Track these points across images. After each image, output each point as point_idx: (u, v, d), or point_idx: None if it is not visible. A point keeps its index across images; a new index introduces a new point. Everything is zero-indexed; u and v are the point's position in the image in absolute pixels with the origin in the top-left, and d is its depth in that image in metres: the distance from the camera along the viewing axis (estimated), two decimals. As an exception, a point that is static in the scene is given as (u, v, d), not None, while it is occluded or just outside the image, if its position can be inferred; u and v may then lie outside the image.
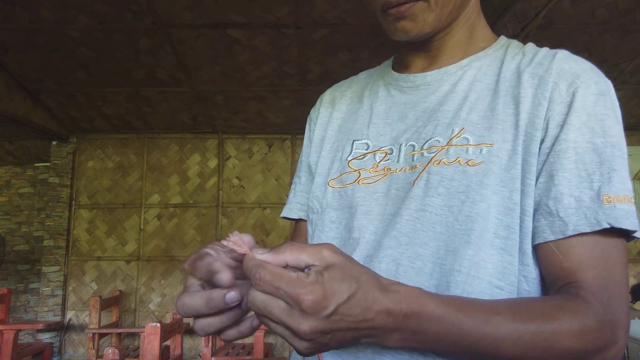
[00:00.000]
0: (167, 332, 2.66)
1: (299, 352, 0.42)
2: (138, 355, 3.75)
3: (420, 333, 0.44)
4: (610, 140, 0.54)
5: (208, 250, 0.48)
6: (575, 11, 3.19)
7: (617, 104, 0.58)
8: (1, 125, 4.33)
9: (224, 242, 0.46)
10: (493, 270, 0.53)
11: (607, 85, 0.57)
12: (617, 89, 4.17)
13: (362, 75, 0.79)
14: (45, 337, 4.53)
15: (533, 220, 0.54)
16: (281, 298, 0.40)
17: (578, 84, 0.56)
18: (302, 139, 4.39)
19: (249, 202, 4.80)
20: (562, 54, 0.60)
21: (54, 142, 4.86)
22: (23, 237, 5.76)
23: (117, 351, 2.14)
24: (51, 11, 3.24)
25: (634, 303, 4.48)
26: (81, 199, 4.84)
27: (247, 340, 4.33)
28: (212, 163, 4.90)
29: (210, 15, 3.29)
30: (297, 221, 0.76)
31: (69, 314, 4.68)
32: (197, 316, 0.46)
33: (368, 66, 0.82)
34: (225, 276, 0.44)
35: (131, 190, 4.87)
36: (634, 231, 0.51)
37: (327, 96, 0.79)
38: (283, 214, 0.77)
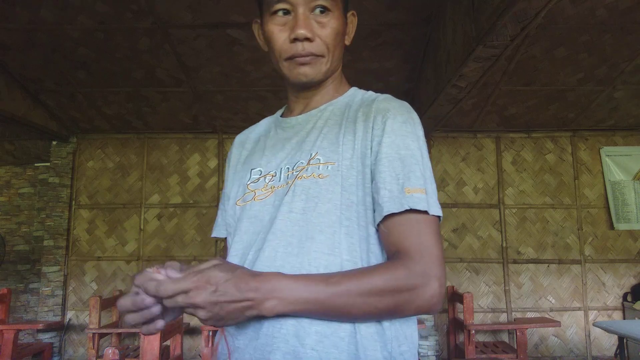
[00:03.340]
0: (167, 332, 2.66)
1: (202, 321, 0.65)
2: (138, 355, 3.75)
3: (283, 300, 0.67)
4: (409, 152, 0.78)
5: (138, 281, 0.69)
6: (575, 11, 3.19)
7: (417, 126, 0.83)
8: (1, 125, 4.33)
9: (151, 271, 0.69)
10: (342, 249, 0.75)
11: (410, 115, 0.83)
12: (617, 89, 4.18)
13: (264, 121, 1.05)
14: (45, 337, 4.53)
15: (372, 211, 0.78)
16: (182, 292, 0.63)
17: (388, 116, 0.81)
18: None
19: (249, 202, 4.79)
20: (382, 97, 0.87)
21: (54, 142, 4.86)
22: (23, 237, 5.76)
23: (117, 351, 2.14)
24: (51, 11, 3.24)
25: (634, 303, 4.48)
26: (81, 199, 4.84)
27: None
28: (212, 163, 4.90)
29: (210, 15, 3.29)
30: (225, 239, 0.99)
31: (69, 314, 4.68)
32: (127, 312, 0.67)
33: (368, 66, 0.96)
34: (155, 283, 0.66)
35: (131, 190, 4.87)
36: (427, 209, 0.74)
37: (237, 139, 1.06)
38: (213, 235, 1.01)
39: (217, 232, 1.01)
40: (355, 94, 0.93)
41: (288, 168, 0.85)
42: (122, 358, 2.17)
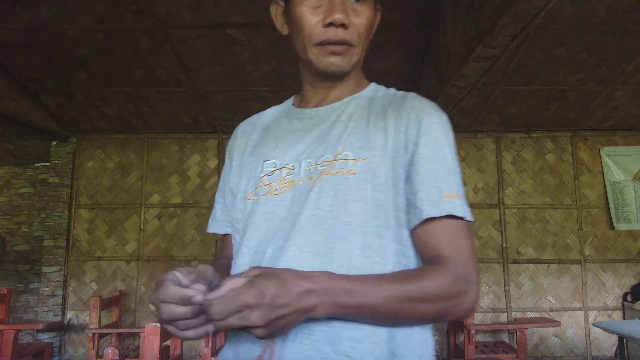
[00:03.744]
0: (167, 332, 2.65)
1: (261, 338, 0.60)
2: (138, 355, 3.75)
3: (336, 302, 0.63)
4: (444, 155, 0.76)
5: (170, 277, 0.63)
6: (575, 11, 3.19)
7: (449, 128, 0.80)
8: (1, 125, 4.33)
9: (194, 289, 0.61)
10: (373, 251, 0.72)
11: (442, 117, 0.81)
12: (617, 89, 4.17)
13: (269, 110, 0.99)
14: (45, 337, 4.53)
15: (407, 213, 0.75)
16: (233, 313, 0.57)
17: (422, 115, 0.78)
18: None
19: (249, 202, 4.79)
20: (412, 95, 0.83)
21: (54, 142, 4.86)
22: (23, 237, 5.76)
23: (117, 351, 2.14)
24: (51, 11, 3.23)
25: (634, 303, 4.48)
26: (81, 199, 4.84)
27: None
28: (212, 163, 4.90)
29: (210, 15, 3.29)
30: (225, 235, 0.95)
31: (69, 314, 4.68)
32: (176, 320, 0.61)
33: (368, 66, 0.91)
34: (200, 297, 0.60)
35: (131, 190, 4.87)
36: (465, 216, 0.73)
37: (240, 130, 0.98)
38: (211, 230, 0.95)
39: (215, 227, 0.95)
40: (377, 90, 0.89)
41: (310, 162, 0.80)
42: (122, 358, 2.17)
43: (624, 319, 4.59)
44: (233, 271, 0.81)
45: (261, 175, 0.85)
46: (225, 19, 3.33)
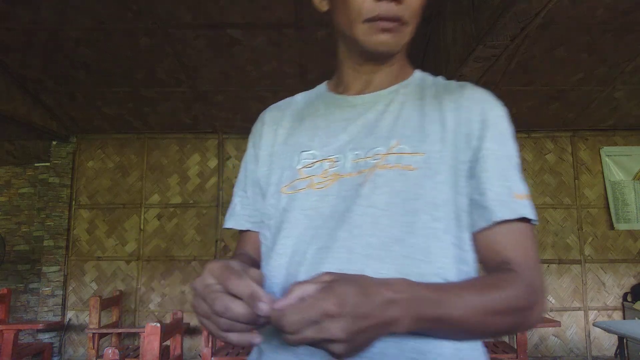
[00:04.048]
0: (167, 332, 2.65)
1: (342, 356, 0.50)
2: (138, 355, 3.75)
3: (420, 315, 0.55)
4: (511, 151, 0.70)
5: (238, 268, 0.55)
6: (575, 11, 3.19)
7: (511, 124, 0.74)
8: (1, 125, 4.32)
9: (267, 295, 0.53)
10: (435, 256, 0.65)
11: (504, 109, 0.74)
12: (617, 89, 4.18)
13: (299, 96, 0.89)
14: (45, 337, 4.53)
15: (469, 214, 0.68)
16: (310, 324, 0.48)
17: (487, 107, 0.72)
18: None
19: (249, 202, 4.79)
20: (470, 85, 0.76)
21: (54, 142, 4.86)
22: (23, 237, 5.76)
23: (117, 351, 2.14)
24: (51, 11, 3.23)
25: (634, 303, 4.48)
26: (81, 199, 4.84)
27: (247, 340, 4.32)
28: (212, 163, 4.90)
29: (210, 15, 3.29)
30: (244, 231, 0.85)
31: (69, 314, 4.68)
32: (227, 318, 0.53)
33: None
34: (266, 308, 0.51)
35: (131, 190, 4.87)
36: (535, 220, 0.68)
37: (268, 115, 0.87)
38: (230, 225, 0.85)
39: (234, 222, 0.85)
40: (425, 78, 0.82)
41: (357, 154, 0.72)
42: (122, 358, 2.17)
43: (624, 319, 4.59)
44: (268, 274, 0.73)
45: (299, 167, 0.76)
46: (225, 19, 3.33)
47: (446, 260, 0.65)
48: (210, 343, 3.41)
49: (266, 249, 0.78)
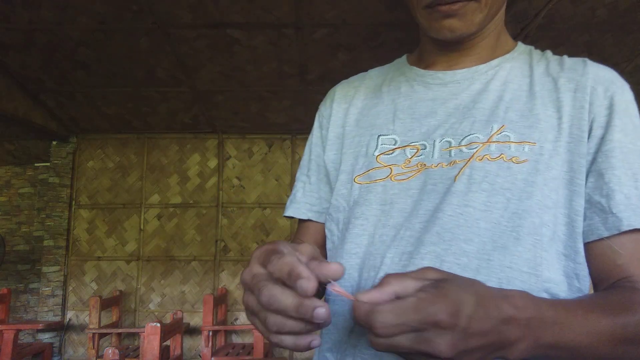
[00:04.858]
0: (167, 332, 2.66)
1: None
2: (138, 355, 3.75)
3: (541, 339, 0.44)
4: None
5: (283, 248, 0.44)
6: (575, 11, 3.19)
7: None
8: (1, 125, 4.33)
9: (328, 288, 0.43)
10: (544, 268, 0.54)
11: (631, 92, 0.61)
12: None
13: (374, 72, 0.77)
14: (45, 337, 4.53)
15: (585, 218, 0.56)
16: (410, 331, 0.38)
17: (614, 89, 0.59)
18: (303, 139, 4.34)
19: (249, 202, 4.80)
20: (591, 62, 0.63)
21: (54, 142, 4.86)
22: (23, 237, 5.76)
23: (117, 351, 2.14)
24: (51, 11, 3.23)
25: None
26: (81, 199, 4.84)
27: (247, 340, 4.33)
28: (212, 163, 4.90)
29: (210, 15, 3.29)
30: (304, 221, 0.74)
31: (69, 314, 4.68)
32: (274, 311, 0.41)
33: (368, 66, 0.82)
34: (311, 285, 0.39)
35: (131, 190, 4.87)
36: None
37: (339, 91, 0.76)
38: (289, 213, 0.74)
39: (294, 210, 0.74)
40: (532, 51, 0.69)
41: (449, 142, 0.61)
42: (122, 358, 2.17)
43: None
44: None
45: (376, 153, 0.65)
46: (225, 19, 3.33)
47: (555, 273, 0.54)
48: (210, 343, 3.41)
49: (333, 246, 0.68)
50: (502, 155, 0.57)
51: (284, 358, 4.34)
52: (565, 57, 0.65)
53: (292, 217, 0.75)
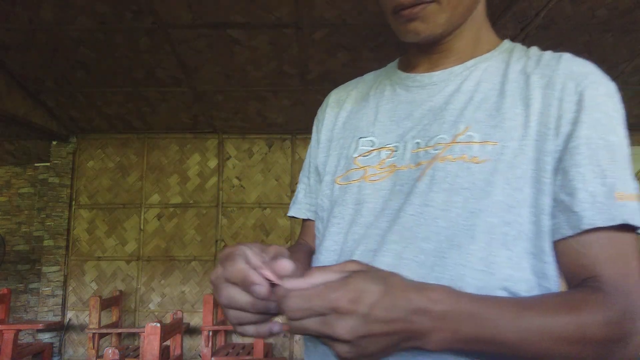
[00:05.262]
0: (167, 332, 2.66)
1: (341, 358, 0.44)
2: (138, 355, 3.75)
3: (459, 332, 0.46)
4: (618, 139, 0.56)
5: (240, 252, 0.49)
6: (575, 11, 3.19)
7: (621, 105, 0.60)
8: (1, 125, 4.33)
9: (260, 276, 0.48)
10: (500, 266, 0.54)
11: (613, 87, 0.60)
12: (617, 89, 4.18)
13: (369, 76, 0.80)
14: (45, 337, 4.53)
15: (552, 217, 0.55)
16: (314, 315, 0.43)
17: (586, 84, 0.57)
18: (303, 139, 4.36)
19: (249, 202, 4.80)
20: (568, 56, 0.61)
21: (54, 142, 4.86)
22: (23, 237, 5.76)
23: (117, 351, 2.14)
24: (51, 11, 3.24)
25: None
26: (81, 199, 4.84)
27: (247, 340, 4.33)
28: (212, 163, 4.90)
29: (210, 15, 3.29)
30: (305, 221, 0.80)
31: (69, 314, 4.68)
32: (232, 309, 0.49)
33: (368, 66, 0.84)
34: (264, 289, 0.46)
35: (131, 190, 4.87)
36: (635, 227, 0.53)
37: (332, 97, 0.80)
38: (292, 214, 0.80)
39: (296, 210, 0.79)
40: (514, 49, 0.68)
41: (418, 143, 0.62)
42: (122, 358, 2.17)
43: None
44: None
45: (355, 155, 0.68)
46: (225, 19, 3.33)
47: (516, 271, 0.54)
48: (210, 343, 3.41)
49: (319, 242, 0.70)
50: (464, 156, 0.58)
51: (284, 358, 4.34)
52: (546, 53, 0.65)
53: (294, 217, 0.81)
